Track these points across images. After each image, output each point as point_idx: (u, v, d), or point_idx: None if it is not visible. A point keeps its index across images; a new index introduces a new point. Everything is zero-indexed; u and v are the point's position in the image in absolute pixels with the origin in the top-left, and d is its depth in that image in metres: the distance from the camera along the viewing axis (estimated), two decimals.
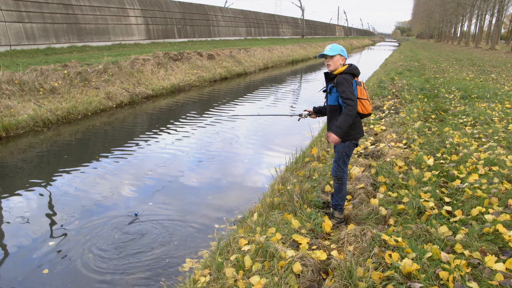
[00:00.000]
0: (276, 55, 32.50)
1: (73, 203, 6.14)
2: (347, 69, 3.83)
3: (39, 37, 19.63)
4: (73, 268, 4.49)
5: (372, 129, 8.02)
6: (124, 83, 14.88)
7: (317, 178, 5.37)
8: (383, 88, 13.28)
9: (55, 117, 11.00)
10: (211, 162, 8.03)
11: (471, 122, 8.11)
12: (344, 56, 3.91)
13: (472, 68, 21.72)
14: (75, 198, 6.35)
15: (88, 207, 5.98)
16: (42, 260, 4.64)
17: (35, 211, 5.91)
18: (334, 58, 3.88)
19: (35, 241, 5.05)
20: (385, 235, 3.55)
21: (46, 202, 6.22)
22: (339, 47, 3.91)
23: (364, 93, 3.88)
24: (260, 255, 3.45)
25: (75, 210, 5.88)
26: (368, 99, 3.91)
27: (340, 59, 3.89)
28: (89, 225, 5.44)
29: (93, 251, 4.80)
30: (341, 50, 3.90)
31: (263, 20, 52.01)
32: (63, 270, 4.47)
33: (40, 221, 5.56)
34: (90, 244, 4.95)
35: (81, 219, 5.60)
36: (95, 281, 4.27)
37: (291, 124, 11.37)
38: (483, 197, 4.35)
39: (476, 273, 3.11)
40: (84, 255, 4.73)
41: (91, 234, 5.20)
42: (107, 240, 5.06)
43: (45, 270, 4.44)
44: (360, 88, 3.86)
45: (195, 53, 21.57)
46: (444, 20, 78.46)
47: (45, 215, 5.79)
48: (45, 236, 5.17)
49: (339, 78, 3.80)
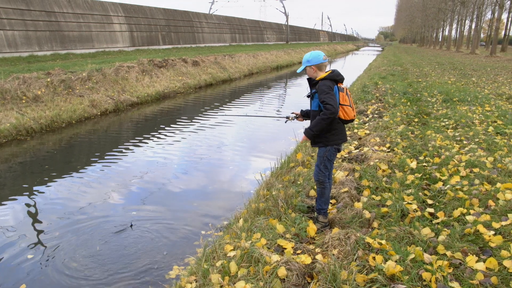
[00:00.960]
0: (261, 61, 32.62)
1: (56, 213, 6.06)
2: (328, 75, 3.87)
3: (21, 45, 19.40)
4: (54, 280, 4.43)
5: (356, 133, 8.11)
6: (109, 91, 14.78)
7: (301, 183, 5.41)
8: (367, 93, 13.43)
9: (39, 126, 10.87)
10: (197, 169, 8.02)
11: (453, 125, 8.26)
12: (314, 64, 3.94)
13: (453, 72, 22.10)
14: (59, 207, 6.27)
15: (72, 217, 5.91)
16: (20, 274, 4.57)
17: (16, 221, 5.81)
18: (306, 71, 4.02)
19: (13, 253, 4.96)
20: (369, 238, 3.59)
21: (28, 212, 6.14)
22: (305, 58, 3.99)
23: (347, 99, 3.92)
24: (246, 261, 3.46)
25: (58, 220, 5.80)
26: (350, 105, 3.95)
27: (311, 70, 3.97)
28: (73, 234, 5.38)
29: (77, 260, 4.75)
30: (307, 61, 3.97)
31: (248, 26, 52.23)
32: (43, 282, 4.41)
33: (21, 232, 5.46)
34: (73, 254, 4.89)
35: (65, 229, 5.53)
36: None
37: (277, 129, 11.42)
38: (464, 199, 4.44)
39: (458, 273, 3.17)
40: (67, 264, 4.67)
41: (75, 243, 5.14)
42: (91, 249, 5.01)
43: (23, 285, 4.32)
44: (342, 94, 3.90)
45: (180, 60, 21.54)
46: (426, 25, 79.82)
47: (27, 225, 5.71)
48: (25, 248, 5.08)
49: (319, 84, 3.85)
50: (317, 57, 3.95)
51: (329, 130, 3.96)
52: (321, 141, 4.05)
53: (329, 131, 3.97)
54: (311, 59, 3.95)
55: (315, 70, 3.96)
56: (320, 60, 3.94)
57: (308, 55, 3.98)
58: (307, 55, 3.99)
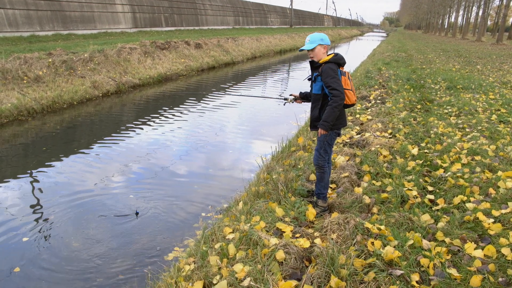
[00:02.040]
0: (264, 44, 32.37)
1: (57, 193, 6.08)
2: (332, 58, 3.80)
3: (22, 24, 19.24)
4: (52, 260, 4.46)
5: (358, 119, 8.07)
6: (111, 72, 14.71)
7: (302, 167, 5.40)
8: (370, 78, 13.33)
9: (40, 106, 10.84)
10: (198, 151, 8.01)
11: (456, 113, 8.21)
12: (326, 44, 3.86)
13: (458, 59, 21.91)
14: (59, 187, 6.29)
15: (72, 197, 5.93)
16: (17, 254, 4.60)
17: (16, 201, 5.83)
18: (315, 50, 3.85)
19: (10, 234, 4.99)
20: (368, 223, 3.59)
21: (28, 192, 6.15)
22: (318, 36, 3.84)
23: (349, 84, 3.86)
24: (244, 243, 3.47)
25: (58, 200, 5.82)
26: (352, 90, 3.89)
27: (322, 49, 3.85)
28: (72, 215, 5.41)
29: (77, 240, 4.78)
30: (321, 39, 3.83)
31: (251, 10, 51.68)
32: (42, 263, 4.44)
33: (20, 212, 5.49)
34: (73, 234, 4.92)
35: (64, 209, 5.55)
36: (77, 272, 4.24)
37: (278, 113, 11.38)
38: (465, 186, 4.42)
39: (456, 260, 3.18)
40: (67, 245, 4.70)
41: (75, 223, 5.17)
42: (90, 229, 5.04)
43: (16, 268, 4.29)
44: (344, 78, 3.84)
45: (183, 42, 21.37)
46: (432, 11, 78.85)
47: (27, 205, 5.72)
48: (23, 228, 5.11)
49: (324, 67, 3.77)
50: (326, 38, 3.89)
51: None
52: None
53: None
54: (324, 38, 3.85)
55: (325, 50, 3.88)
56: (329, 42, 3.89)
57: (320, 34, 3.86)
58: (318, 34, 3.85)
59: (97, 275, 4.18)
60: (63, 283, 4.08)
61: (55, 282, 4.11)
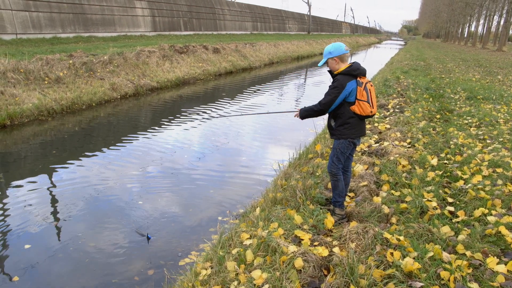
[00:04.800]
0: (281, 50, 32.40)
1: (73, 192, 6.14)
2: (345, 70, 3.84)
3: (45, 26, 19.61)
4: (71, 258, 4.51)
5: (376, 127, 8.01)
6: (129, 75, 14.88)
7: (320, 174, 5.37)
8: (388, 87, 13.23)
9: (60, 107, 11.01)
10: (214, 156, 8.03)
11: (476, 123, 8.08)
12: (336, 56, 3.88)
13: (478, 69, 21.61)
14: (76, 187, 6.36)
15: (88, 198, 5.99)
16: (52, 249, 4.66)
17: (33, 199, 5.91)
18: (328, 63, 3.98)
19: (27, 230, 5.07)
20: (387, 234, 3.55)
21: (46, 192, 6.23)
22: (327, 50, 3.93)
23: (364, 95, 3.81)
24: (262, 250, 3.46)
25: (74, 200, 5.88)
26: (368, 101, 3.84)
27: (333, 61, 3.91)
28: (88, 215, 5.47)
29: (93, 240, 4.83)
30: (329, 53, 3.91)
31: (270, 15, 51.80)
32: (66, 259, 4.49)
33: (39, 211, 5.57)
34: (88, 234, 4.97)
35: (80, 209, 5.61)
36: (93, 272, 4.28)
37: (295, 120, 11.34)
38: (486, 199, 4.34)
39: (477, 274, 3.11)
40: (83, 244, 4.74)
41: (90, 224, 5.22)
42: (106, 230, 5.08)
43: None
44: (360, 89, 3.80)
45: (201, 47, 21.52)
46: (452, 20, 77.96)
47: (44, 203, 5.80)
48: (40, 226, 5.19)
49: (334, 79, 3.88)
50: (338, 48, 3.89)
51: (342, 124, 3.95)
52: (334, 133, 4.06)
53: (341, 124, 3.95)
54: (333, 50, 3.89)
55: (337, 61, 3.90)
56: (342, 51, 3.88)
57: (330, 47, 3.93)
58: (328, 47, 3.94)
59: (112, 277, 4.21)
60: (78, 282, 4.12)
61: (70, 281, 4.15)
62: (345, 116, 3.91)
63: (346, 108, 3.88)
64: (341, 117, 3.93)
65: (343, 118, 3.93)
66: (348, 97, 3.82)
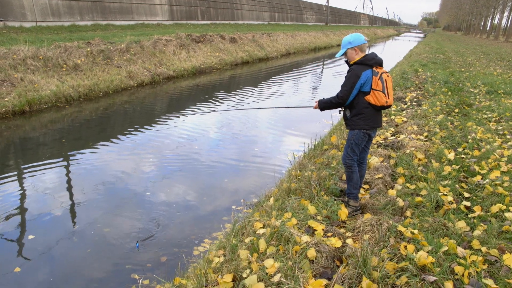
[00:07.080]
0: (299, 41, 32.18)
1: (89, 179, 6.23)
2: (360, 60, 3.81)
3: (64, 14, 19.79)
4: (87, 244, 4.58)
5: (393, 120, 7.92)
6: (146, 63, 14.96)
7: (335, 166, 5.35)
8: (406, 80, 13.05)
9: (77, 94, 11.14)
10: (230, 145, 8.05)
11: (496, 118, 7.93)
12: (356, 46, 3.85)
13: (500, 63, 21.13)
14: (91, 173, 6.45)
15: (104, 185, 6.06)
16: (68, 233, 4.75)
17: (50, 185, 6.01)
18: (347, 54, 3.95)
19: (43, 217, 5.17)
20: (401, 227, 3.53)
21: (63, 178, 6.33)
22: (346, 40, 3.91)
23: (380, 85, 3.75)
24: (275, 239, 3.47)
25: (90, 186, 5.97)
26: (384, 91, 3.76)
27: (353, 51, 3.88)
28: (103, 201, 5.54)
29: (107, 225, 4.90)
30: (349, 43, 3.88)
31: (287, 6, 51.38)
32: (79, 243, 4.57)
33: (55, 196, 5.67)
34: (103, 220, 5.04)
35: (96, 196, 5.69)
36: (106, 257, 4.34)
37: (311, 111, 11.29)
38: (504, 195, 4.27)
39: (492, 270, 3.08)
40: (98, 229, 4.82)
41: (105, 210, 5.29)
42: (120, 217, 5.15)
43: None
44: (375, 78, 3.75)
45: (218, 36, 21.49)
46: (474, 12, 76.26)
47: (60, 190, 5.90)
48: (56, 211, 5.28)
49: (349, 69, 3.87)
50: (358, 38, 3.86)
51: (356, 114, 3.91)
52: (349, 123, 4.04)
53: (356, 114, 3.91)
54: (353, 40, 3.86)
55: (357, 51, 3.86)
56: (362, 41, 3.86)
57: (349, 37, 3.90)
58: (347, 37, 3.91)
59: (126, 261, 4.26)
60: (92, 267, 4.18)
61: (84, 264, 4.22)
62: (359, 106, 3.87)
63: (360, 98, 3.84)
64: (356, 107, 3.89)
65: (358, 108, 3.89)
66: (363, 87, 3.78)
